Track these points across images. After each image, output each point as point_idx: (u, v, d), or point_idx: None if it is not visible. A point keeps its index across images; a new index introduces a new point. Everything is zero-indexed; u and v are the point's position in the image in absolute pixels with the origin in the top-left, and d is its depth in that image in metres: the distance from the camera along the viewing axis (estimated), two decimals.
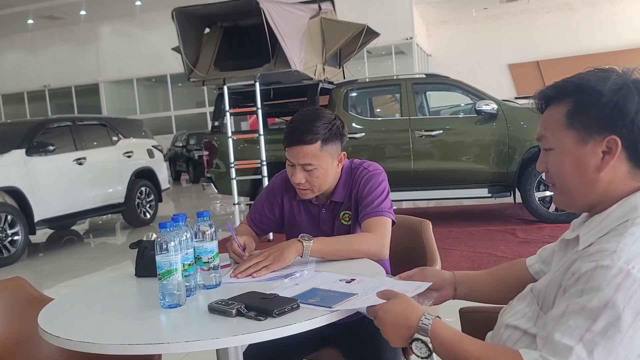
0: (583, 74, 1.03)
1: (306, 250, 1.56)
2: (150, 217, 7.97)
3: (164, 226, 1.28)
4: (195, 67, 6.23)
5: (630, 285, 0.85)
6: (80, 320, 1.29)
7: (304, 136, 1.68)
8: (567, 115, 1.01)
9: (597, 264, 0.89)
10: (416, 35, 16.07)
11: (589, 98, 0.99)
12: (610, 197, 1.00)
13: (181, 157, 16.05)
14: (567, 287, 0.92)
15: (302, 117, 1.74)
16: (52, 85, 19.90)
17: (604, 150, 0.98)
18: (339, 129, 1.74)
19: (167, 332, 1.20)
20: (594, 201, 1.02)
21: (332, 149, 1.73)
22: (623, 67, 1.02)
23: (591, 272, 0.89)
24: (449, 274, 1.33)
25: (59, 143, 6.56)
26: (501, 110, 5.65)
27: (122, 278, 1.65)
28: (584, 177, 1.00)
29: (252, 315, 1.13)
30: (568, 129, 1.01)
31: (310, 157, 1.69)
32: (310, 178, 1.72)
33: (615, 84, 0.97)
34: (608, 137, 0.97)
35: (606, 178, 0.99)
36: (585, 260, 0.92)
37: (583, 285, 0.89)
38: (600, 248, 0.92)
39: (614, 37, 16.84)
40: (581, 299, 0.88)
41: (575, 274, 0.91)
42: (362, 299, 1.22)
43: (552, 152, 1.04)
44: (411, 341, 1.02)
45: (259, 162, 5.80)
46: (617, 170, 0.98)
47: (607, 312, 0.85)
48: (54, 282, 5.21)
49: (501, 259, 4.37)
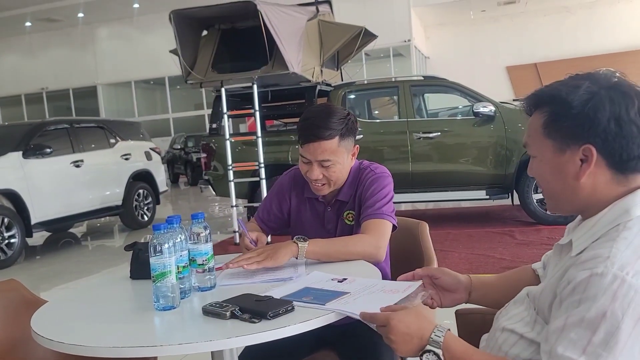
0: (557, 83, 1.04)
1: (301, 252, 1.55)
2: (148, 220, 7.95)
3: (158, 228, 1.27)
4: (192, 70, 6.23)
5: (626, 293, 0.84)
6: (73, 323, 1.28)
7: (322, 132, 1.66)
8: (544, 125, 1.02)
9: (591, 272, 0.88)
10: (414, 37, 16.09)
11: (560, 109, 1.00)
12: (598, 202, 1.00)
13: (179, 159, 16.05)
14: (564, 296, 0.91)
15: (316, 114, 1.72)
16: (50, 88, 19.89)
17: (581, 158, 0.98)
18: (354, 124, 1.74)
19: (161, 335, 1.19)
20: (580, 205, 1.02)
21: (348, 143, 1.73)
22: (604, 71, 1.02)
23: (587, 281, 0.88)
24: (466, 277, 1.30)
25: (56, 145, 6.55)
26: (499, 113, 5.66)
27: (117, 280, 1.65)
28: (565, 184, 1.01)
29: (246, 317, 1.12)
30: (546, 138, 1.02)
31: (329, 153, 1.68)
32: (328, 173, 1.72)
33: (586, 92, 0.97)
34: (583, 146, 0.97)
35: (587, 185, 0.99)
36: (580, 268, 0.91)
37: (580, 295, 0.88)
38: (593, 254, 0.91)
39: (611, 40, 16.89)
40: (579, 310, 0.87)
41: (570, 283, 0.90)
42: (355, 299, 1.22)
43: (535, 159, 1.06)
44: (422, 353, 1.01)
45: (257, 164, 5.80)
46: (599, 177, 0.98)
47: (605, 322, 0.84)
48: (51, 284, 5.19)
49: (499, 260, 4.37)
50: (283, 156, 6.13)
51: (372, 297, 1.24)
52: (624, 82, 0.99)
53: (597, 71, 1.03)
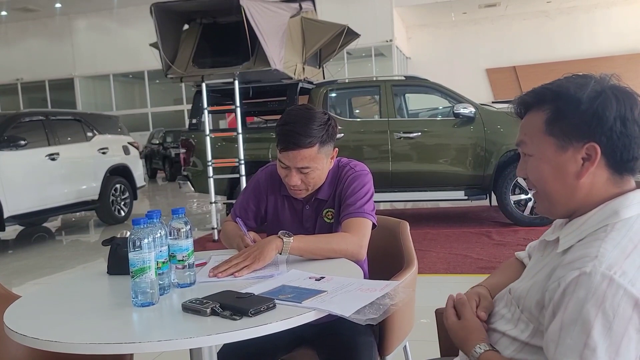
0: (561, 80, 1.03)
1: (286, 247, 1.54)
2: (125, 215, 7.84)
3: (137, 223, 1.25)
4: (173, 64, 6.16)
5: (615, 293, 0.85)
6: (48, 318, 1.25)
7: (302, 140, 1.63)
8: (547, 122, 1.01)
9: (580, 271, 0.88)
10: (396, 37, 16.16)
11: (567, 105, 0.99)
12: (590, 202, 1.00)
13: (157, 154, 15.87)
14: (555, 299, 0.91)
15: (296, 119, 1.68)
16: (25, 79, 19.46)
17: (583, 157, 0.98)
18: (334, 129, 1.73)
19: (139, 331, 1.16)
20: (574, 207, 1.02)
21: (328, 149, 1.72)
22: (601, 74, 1.02)
23: (575, 281, 0.88)
24: (486, 290, 1.25)
25: (31, 138, 6.41)
26: (479, 114, 5.71)
27: (94, 275, 1.61)
28: (564, 183, 1.00)
29: (227, 314, 1.11)
30: (547, 135, 1.01)
31: (308, 160, 1.66)
32: (306, 179, 1.70)
33: (593, 91, 0.97)
34: (587, 144, 0.97)
35: (586, 184, 0.99)
36: (568, 268, 0.91)
37: (570, 296, 0.88)
38: (581, 254, 0.92)
39: (588, 45, 17.21)
40: (571, 312, 0.87)
41: (560, 285, 0.91)
42: (332, 298, 1.22)
43: (532, 158, 1.04)
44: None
45: (237, 160, 5.76)
46: (597, 176, 0.98)
47: (597, 323, 0.85)
48: (23, 279, 5.08)
49: (477, 261, 4.41)
50: (263, 153, 6.10)
51: (348, 295, 1.24)
52: (621, 85, 1.00)
53: (592, 74, 1.03)
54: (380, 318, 1.14)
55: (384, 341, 1.69)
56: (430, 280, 3.94)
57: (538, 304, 0.98)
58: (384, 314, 1.15)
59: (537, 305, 0.98)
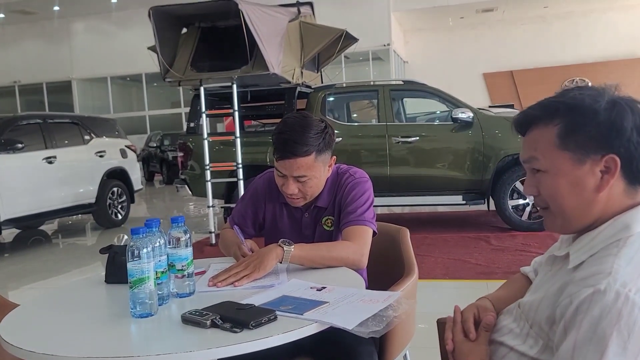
0: (573, 92, 1.00)
1: (286, 256, 1.52)
2: (122, 219, 7.81)
3: (136, 232, 1.23)
4: (171, 67, 6.14)
5: (631, 311, 0.83)
6: (44, 330, 1.22)
7: (298, 149, 1.61)
8: (560, 135, 0.98)
9: (594, 288, 0.86)
10: (393, 41, 16.19)
11: (583, 118, 0.96)
12: (605, 216, 0.98)
13: (155, 157, 15.82)
14: (568, 317, 0.89)
15: (292, 127, 1.66)
16: (22, 81, 19.40)
17: (602, 169, 0.95)
18: (331, 137, 1.70)
19: (138, 344, 1.15)
20: (589, 222, 0.99)
21: (325, 157, 1.70)
22: (605, 84, 1.00)
23: (589, 299, 0.86)
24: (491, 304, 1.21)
25: (28, 141, 6.38)
26: (477, 119, 5.70)
27: (91, 284, 1.59)
28: (582, 198, 0.97)
29: (227, 326, 1.09)
30: (562, 150, 0.98)
31: (305, 169, 1.64)
32: (304, 188, 1.69)
33: (609, 102, 0.95)
34: (606, 156, 0.94)
35: (603, 198, 0.96)
36: (581, 285, 0.89)
37: (583, 315, 0.86)
38: (594, 270, 0.90)
39: (585, 50, 17.27)
40: (585, 331, 0.85)
41: (573, 302, 0.88)
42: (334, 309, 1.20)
43: (546, 174, 1.01)
44: None
45: (235, 164, 5.74)
46: (614, 189, 0.96)
47: (612, 342, 0.83)
48: (19, 283, 5.05)
49: (475, 266, 4.40)
50: (261, 157, 6.08)
51: (350, 306, 1.22)
52: (624, 95, 0.98)
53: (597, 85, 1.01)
54: (384, 331, 1.12)
55: (384, 350, 1.67)
56: (428, 286, 3.92)
57: (548, 319, 0.96)
58: (387, 326, 1.14)
59: (548, 320, 0.96)
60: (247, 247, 1.61)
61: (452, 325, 1.15)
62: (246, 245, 1.62)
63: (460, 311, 1.18)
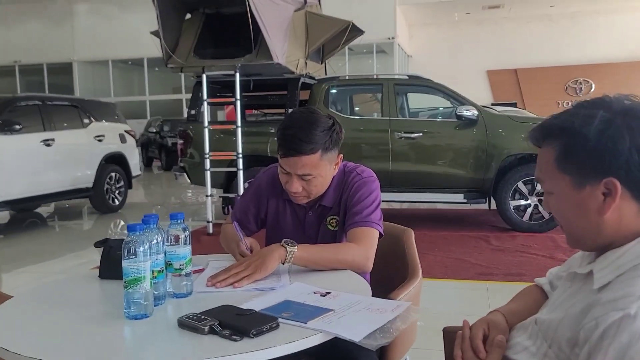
0: (568, 113, 0.96)
1: (289, 257, 1.46)
2: (119, 204, 7.74)
3: (133, 229, 1.16)
4: (174, 53, 6.05)
5: None
6: (33, 329, 1.16)
7: (303, 146, 1.55)
8: (557, 159, 0.95)
9: (623, 313, 0.81)
10: (398, 35, 16.05)
11: (575, 142, 0.92)
12: (624, 235, 0.92)
13: (154, 143, 15.73)
14: (593, 341, 0.84)
15: (298, 123, 1.59)
16: (23, 61, 19.23)
17: (603, 192, 0.91)
18: (338, 134, 1.64)
19: (131, 350, 1.08)
20: (605, 242, 0.95)
21: (332, 155, 1.63)
22: (615, 95, 0.95)
23: (618, 324, 0.81)
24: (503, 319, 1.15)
25: (26, 122, 6.30)
26: (481, 117, 5.64)
27: (84, 279, 1.53)
28: (588, 220, 0.94)
29: (226, 334, 1.03)
30: (562, 173, 0.95)
31: (310, 168, 1.58)
32: (308, 187, 1.62)
33: (602, 122, 0.90)
34: (604, 179, 0.90)
35: (613, 219, 0.92)
36: (609, 308, 0.84)
37: (611, 340, 0.81)
38: (623, 293, 0.84)
39: (590, 51, 17.16)
40: (612, 358, 0.80)
41: (599, 326, 0.83)
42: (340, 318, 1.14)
43: (553, 196, 0.99)
44: None
45: (235, 154, 5.67)
46: (625, 209, 0.91)
47: None
48: (12, 266, 4.99)
49: (474, 266, 4.35)
50: (262, 147, 6.01)
51: (357, 316, 1.16)
52: (637, 105, 0.92)
53: (606, 96, 0.95)
54: (391, 340, 1.07)
55: (386, 355, 1.63)
56: (427, 285, 3.86)
57: (570, 341, 0.90)
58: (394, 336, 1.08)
59: (569, 342, 0.90)
60: (246, 245, 1.56)
61: (461, 341, 1.08)
62: (245, 243, 1.56)
63: (469, 326, 1.12)
